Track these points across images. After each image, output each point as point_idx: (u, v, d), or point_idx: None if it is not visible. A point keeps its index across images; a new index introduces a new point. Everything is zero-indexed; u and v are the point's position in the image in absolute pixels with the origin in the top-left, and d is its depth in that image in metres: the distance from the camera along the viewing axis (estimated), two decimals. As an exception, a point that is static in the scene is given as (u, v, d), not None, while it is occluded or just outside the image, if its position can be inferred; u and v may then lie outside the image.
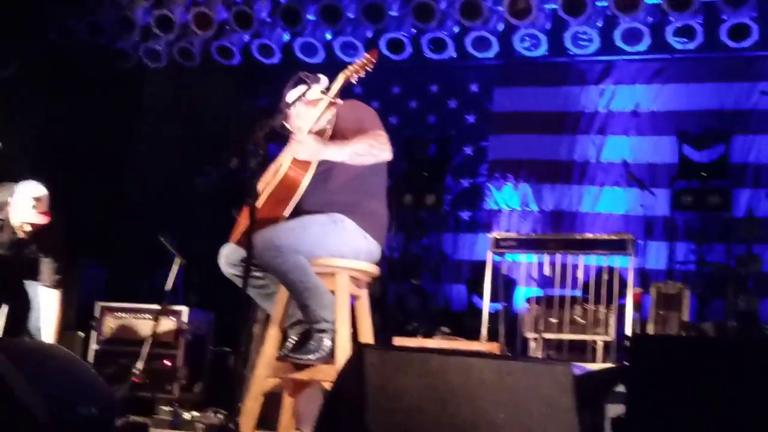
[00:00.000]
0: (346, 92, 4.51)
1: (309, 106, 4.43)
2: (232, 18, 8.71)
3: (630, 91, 9.26)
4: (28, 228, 5.65)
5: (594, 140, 9.28)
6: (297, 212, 4.27)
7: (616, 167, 9.04)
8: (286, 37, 8.99)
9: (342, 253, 4.27)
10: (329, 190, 4.29)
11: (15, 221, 5.65)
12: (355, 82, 4.28)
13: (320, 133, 4.29)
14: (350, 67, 4.30)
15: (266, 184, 4.37)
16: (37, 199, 5.62)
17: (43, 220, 5.62)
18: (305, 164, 4.21)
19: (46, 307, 5.85)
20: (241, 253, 4.24)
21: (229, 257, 4.38)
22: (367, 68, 4.28)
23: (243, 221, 4.36)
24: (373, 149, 4.24)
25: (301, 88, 4.41)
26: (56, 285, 5.85)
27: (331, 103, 4.38)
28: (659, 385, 3.20)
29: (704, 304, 8.06)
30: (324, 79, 4.51)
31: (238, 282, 4.23)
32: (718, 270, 8.03)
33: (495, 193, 9.51)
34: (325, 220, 4.25)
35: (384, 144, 4.28)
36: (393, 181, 8.86)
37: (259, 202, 4.24)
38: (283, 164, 4.30)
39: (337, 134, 4.31)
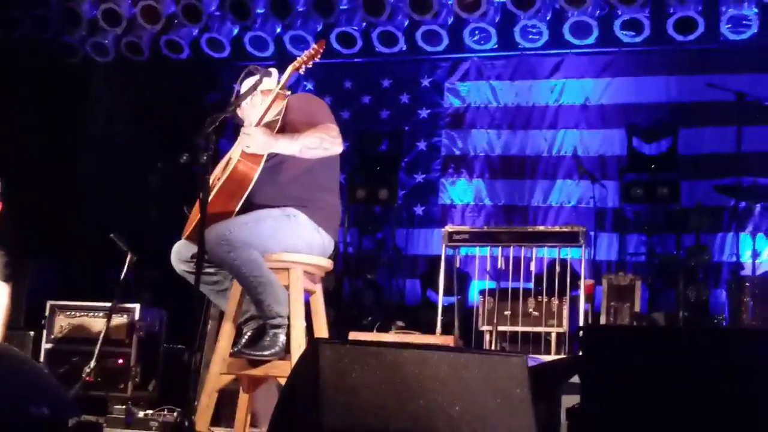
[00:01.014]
0: (297, 87, 4.52)
1: (263, 96, 4.42)
2: (181, 11, 8.62)
3: (579, 85, 9.34)
4: None
5: (545, 134, 9.34)
6: (248, 206, 4.25)
7: (567, 160, 9.11)
8: (236, 30, 8.93)
9: (295, 247, 4.26)
10: (281, 183, 4.27)
11: None
12: (303, 73, 4.29)
13: (270, 126, 4.26)
14: (299, 59, 4.29)
15: (217, 179, 4.34)
16: None
17: None
18: (256, 157, 4.19)
19: None
20: (193, 249, 4.21)
21: (180, 253, 4.35)
22: (315, 58, 4.28)
23: (194, 217, 4.32)
24: (324, 143, 4.23)
25: (253, 79, 4.39)
26: (6, 279, 5.76)
27: (281, 96, 4.36)
28: (612, 375, 3.23)
29: (655, 295, 8.15)
30: (275, 72, 4.49)
31: (190, 278, 4.21)
32: (668, 261, 8.13)
33: (448, 188, 9.54)
34: (278, 214, 4.23)
35: (335, 137, 4.27)
36: (346, 175, 8.92)
37: (210, 197, 4.20)
38: (232, 158, 4.27)
39: (288, 127, 4.29)
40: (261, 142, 4.14)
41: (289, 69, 4.27)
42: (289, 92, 4.41)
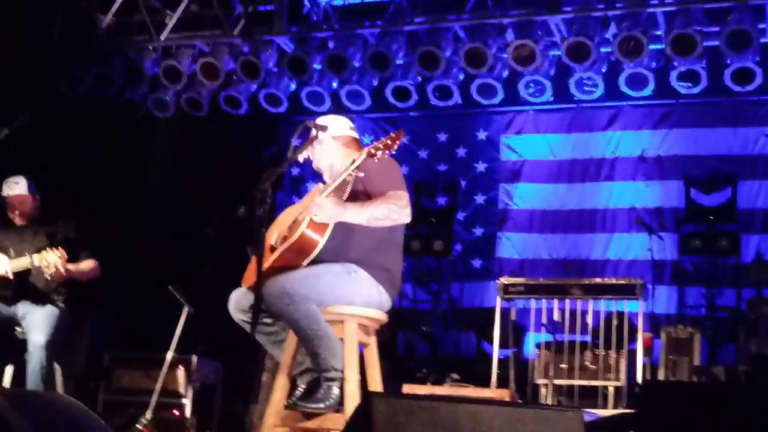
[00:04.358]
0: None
1: (335, 142, 4.51)
2: (239, 68, 8.78)
3: (636, 137, 9.30)
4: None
5: (602, 187, 9.30)
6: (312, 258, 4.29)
7: (624, 213, 9.05)
8: (293, 86, 9.06)
9: (353, 302, 4.28)
10: (345, 240, 4.28)
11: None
12: (377, 160, 4.18)
13: (341, 188, 4.28)
14: (376, 144, 4.20)
15: (281, 237, 4.37)
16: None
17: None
18: (323, 227, 4.22)
19: None
20: (252, 298, 4.25)
21: (239, 302, 4.39)
22: (391, 149, 4.17)
23: (252, 266, 4.37)
24: (392, 214, 4.26)
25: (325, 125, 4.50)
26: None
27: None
28: (669, 431, 3.17)
29: (715, 349, 8.01)
30: (332, 120, 4.56)
31: (247, 328, 4.24)
32: (729, 314, 7.99)
33: (506, 242, 9.52)
34: (340, 270, 4.26)
35: (404, 208, 4.28)
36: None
37: (274, 255, 4.25)
38: (299, 219, 4.28)
39: (359, 189, 4.32)
40: (330, 212, 4.18)
41: (364, 154, 4.18)
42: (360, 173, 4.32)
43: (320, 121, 4.63)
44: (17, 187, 6.20)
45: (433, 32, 8.41)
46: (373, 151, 4.14)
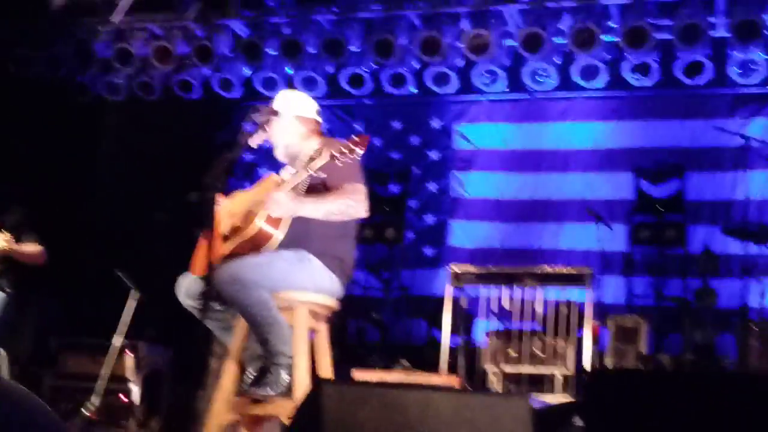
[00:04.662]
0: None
1: (298, 122, 4.51)
2: (193, 52, 8.70)
3: (588, 128, 9.37)
4: None
5: (554, 178, 9.36)
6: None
7: (576, 204, 9.11)
8: (247, 71, 9.00)
9: (305, 289, 4.29)
10: (302, 230, 4.26)
11: None
12: (340, 164, 4.08)
13: (299, 184, 4.23)
14: (337, 148, 4.07)
15: (232, 221, 4.35)
16: None
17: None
18: (279, 221, 4.20)
19: None
20: (201, 285, 4.23)
21: (188, 289, 4.37)
22: (353, 154, 4.06)
23: (202, 252, 4.34)
24: (349, 208, 4.26)
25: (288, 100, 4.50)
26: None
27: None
28: (616, 418, 3.21)
29: (662, 338, 8.12)
30: (297, 104, 4.54)
31: (197, 314, 4.22)
32: (676, 304, 8.10)
33: (457, 231, 9.55)
34: (292, 257, 4.26)
35: (360, 202, 4.28)
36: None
37: (228, 246, 4.23)
38: (253, 211, 4.24)
39: (317, 183, 4.29)
40: (286, 208, 4.17)
41: (326, 158, 4.05)
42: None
43: (288, 95, 4.64)
44: None
45: (388, 20, 8.41)
46: (336, 155, 4.06)
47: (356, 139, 4.10)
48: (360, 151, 4.08)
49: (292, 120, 4.55)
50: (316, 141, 4.40)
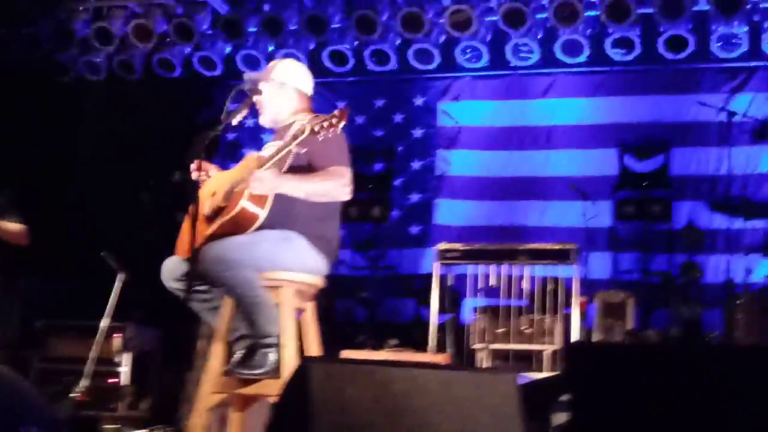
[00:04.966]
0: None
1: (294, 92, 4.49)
2: (173, 30, 8.63)
3: (572, 105, 9.37)
4: None
5: (539, 155, 9.35)
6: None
7: (560, 181, 9.11)
8: (228, 49, 8.95)
9: (290, 269, 4.26)
10: (286, 209, 4.24)
11: None
12: (324, 142, 4.08)
13: (281, 160, 4.19)
14: (319, 121, 4.06)
15: (213, 201, 4.32)
16: None
17: None
18: (262, 199, 4.16)
19: None
20: (185, 266, 4.21)
21: (173, 271, 4.34)
22: (336, 128, 4.06)
23: (185, 233, 4.32)
24: (332, 191, 4.24)
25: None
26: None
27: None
28: (600, 392, 3.22)
29: (648, 313, 8.15)
30: (298, 77, 4.53)
31: (182, 295, 4.21)
32: (661, 279, 8.14)
33: (442, 208, 9.55)
34: (278, 236, 4.23)
35: (344, 186, 4.25)
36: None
37: (213, 227, 4.20)
38: (236, 191, 4.20)
39: (301, 164, 4.26)
40: (269, 185, 4.12)
41: (306, 131, 4.05)
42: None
43: (292, 65, 4.62)
44: None
45: (370, -4, 8.37)
46: (317, 128, 4.05)
47: (336, 113, 4.09)
48: (341, 125, 4.07)
49: (290, 91, 4.53)
50: (305, 117, 4.37)
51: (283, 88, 4.52)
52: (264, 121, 4.58)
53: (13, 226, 6.01)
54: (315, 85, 4.64)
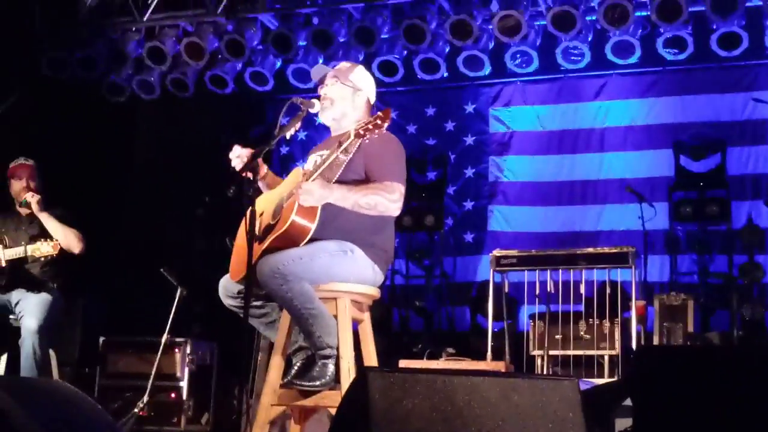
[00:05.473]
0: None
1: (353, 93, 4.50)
2: (224, 47, 8.71)
3: (624, 106, 9.28)
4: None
5: (593, 158, 9.28)
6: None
7: (615, 183, 9.03)
8: (279, 64, 9.01)
9: (347, 281, 4.26)
10: (341, 220, 4.24)
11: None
12: (368, 141, 4.08)
13: (329, 170, 4.17)
14: (363, 125, 4.08)
15: (262, 221, 4.32)
16: None
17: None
18: (312, 211, 4.14)
19: None
20: (240, 284, 4.25)
21: (227, 289, 4.38)
22: (380, 129, 4.05)
23: (239, 252, 4.35)
24: (379, 205, 4.21)
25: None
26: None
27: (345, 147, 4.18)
28: (665, 396, 3.17)
29: (708, 315, 8.04)
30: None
31: (239, 312, 4.23)
32: (722, 280, 8.01)
33: (497, 215, 9.51)
34: (335, 249, 4.22)
35: (394, 202, 4.23)
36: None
37: (264, 245, 4.20)
38: (285, 206, 4.21)
39: (355, 166, 4.25)
40: (317, 196, 4.09)
41: (352, 136, 4.05)
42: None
43: (368, 75, 4.63)
44: (25, 161, 6.32)
45: (417, 5, 8.36)
46: (362, 132, 4.05)
47: (380, 114, 4.07)
48: (384, 125, 4.05)
49: (362, 99, 4.53)
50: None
51: (357, 95, 4.53)
52: (325, 117, 4.56)
53: (72, 231, 6.09)
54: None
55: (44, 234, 5.94)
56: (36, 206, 5.99)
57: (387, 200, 4.22)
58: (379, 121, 4.04)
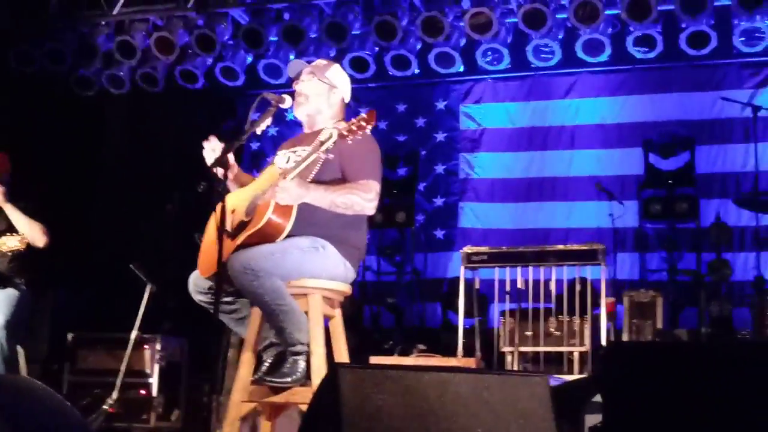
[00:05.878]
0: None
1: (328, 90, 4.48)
2: (194, 42, 8.66)
3: (595, 104, 9.33)
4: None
5: (563, 155, 9.32)
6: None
7: (585, 181, 9.07)
8: (250, 59, 8.97)
9: (319, 277, 4.26)
10: (314, 217, 4.22)
11: None
12: (351, 142, 4.05)
13: (306, 169, 4.14)
14: (345, 127, 4.05)
15: (235, 216, 4.30)
16: None
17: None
18: (288, 210, 4.13)
19: None
20: (210, 279, 4.23)
21: (197, 285, 4.36)
22: (364, 130, 4.04)
23: (207, 248, 4.33)
24: (355, 205, 4.21)
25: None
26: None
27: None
28: (634, 392, 3.19)
29: (677, 312, 8.10)
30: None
31: (209, 308, 4.21)
32: (690, 278, 8.07)
33: (467, 212, 9.53)
34: (307, 245, 4.21)
35: (369, 201, 4.23)
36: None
37: (239, 240, 4.18)
38: (260, 204, 4.19)
39: (331, 165, 4.23)
40: (294, 195, 4.09)
41: (334, 137, 4.01)
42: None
43: (344, 74, 4.62)
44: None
45: (388, 1, 8.35)
46: (345, 133, 4.03)
47: (364, 115, 4.06)
48: (368, 127, 4.05)
49: (337, 97, 4.53)
50: (338, 124, 4.33)
51: (333, 92, 4.52)
52: (299, 113, 4.55)
53: (36, 223, 6.01)
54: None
55: (11, 228, 5.86)
56: (0, 197, 5.92)
57: (363, 200, 4.22)
58: (363, 123, 4.04)
